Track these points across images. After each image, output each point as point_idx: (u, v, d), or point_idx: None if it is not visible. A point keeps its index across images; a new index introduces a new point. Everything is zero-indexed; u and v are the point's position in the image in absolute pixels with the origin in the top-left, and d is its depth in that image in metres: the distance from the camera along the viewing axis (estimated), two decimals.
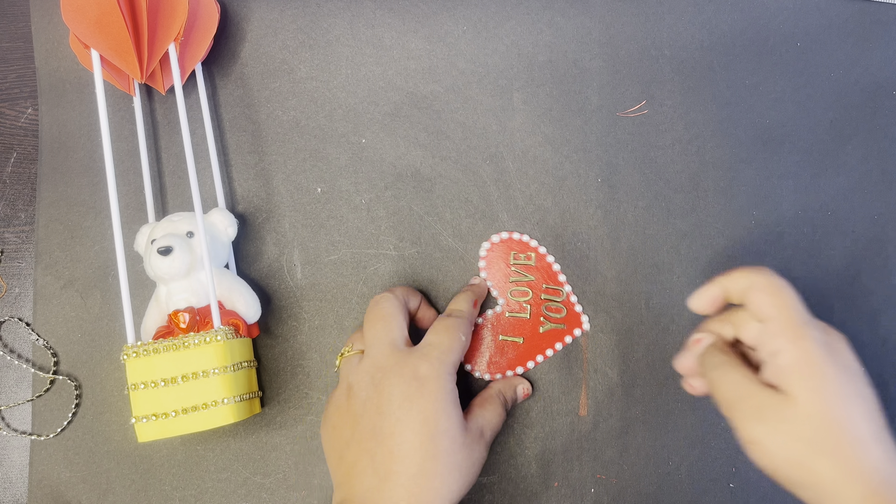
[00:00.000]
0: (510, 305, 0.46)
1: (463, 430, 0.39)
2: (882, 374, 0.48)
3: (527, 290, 0.46)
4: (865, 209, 0.49)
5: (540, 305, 0.46)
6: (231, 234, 0.45)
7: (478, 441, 0.40)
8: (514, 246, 0.47)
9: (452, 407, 0.39)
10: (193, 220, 0.43)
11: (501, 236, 0.47)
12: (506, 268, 0.46)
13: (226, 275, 0.44)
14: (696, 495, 0.47)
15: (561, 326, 0.46)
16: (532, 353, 0.46)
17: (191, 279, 0.43)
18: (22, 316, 0.48)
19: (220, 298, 0.44)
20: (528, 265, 0.46)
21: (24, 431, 0.47)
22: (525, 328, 0.46)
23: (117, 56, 0.43)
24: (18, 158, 0.49)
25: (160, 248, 0.41)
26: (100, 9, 0.42)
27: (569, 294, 0.47)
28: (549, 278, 0.47)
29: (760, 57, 0.49)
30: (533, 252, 0.47)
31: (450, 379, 0.40)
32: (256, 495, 0.46)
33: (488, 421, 0.42)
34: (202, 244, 0.42)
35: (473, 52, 0.49)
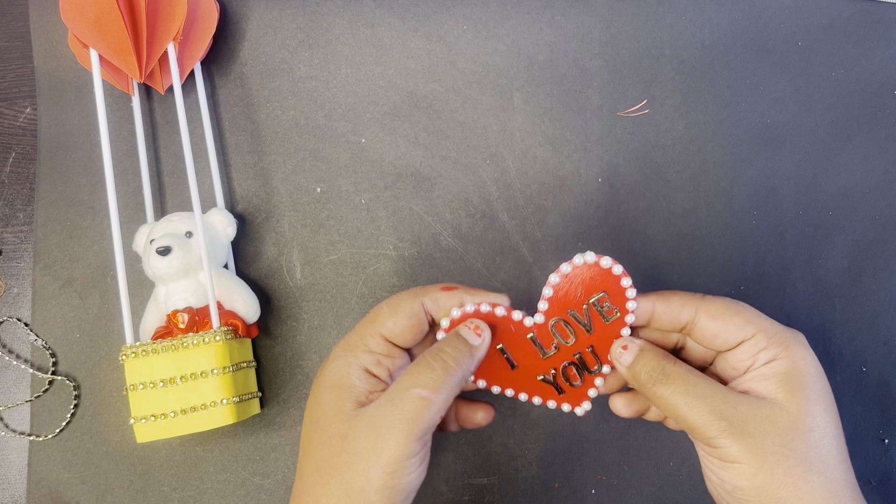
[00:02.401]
0: (542, 332, 0.37)
1: (342, 417, 0.32)
2: (884, 375, 0.48)
3: (571, 336, 0.37)
4: (866, 209, 0.49)
5: (564, 359, 0.37)
6: (230, 234, 0.45)
7: (364, 429, 0.32)
8: (613, 288, 0.36)
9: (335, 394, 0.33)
10: (192, 219, 0.43)
11: (612, 269, 0.36)
12: (581, 298, 0.36)
13: (225, 275, 0.44)
14: (696, 496, 0.47)
15: (558, 392, 0.38)
16: (514, 384, 0.38)
17: (190, 279, 0.42)
18: (20, 316, 0.48)
19: (219, 299, 0.43)
20: (602, 318, 0.36)
21: (22, 432, 0.47)
22: (529, 362, 0.37)
23: (116, 55, 0.43)
24: (17, 158, 0.49)
25: (159, 249, 0.41)
26: (98, 8, 0.42)
27: (601, 374, 0.38)
28: (603, 347, 0.37)
29: (761, 56, 0.49)
30: (619, 312, 0.36)
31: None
32: (256, 496, 0.46)
33: (394, 396, 0.32)
34: (201, 244, 0.42)
35: (473, 51, 0.49)
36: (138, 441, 0.41)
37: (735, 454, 0.31)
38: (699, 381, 0.33)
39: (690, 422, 0.32)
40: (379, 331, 0.35)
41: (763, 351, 0.33)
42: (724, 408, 0.32)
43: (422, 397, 0.31)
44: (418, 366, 0.33)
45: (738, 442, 0.31)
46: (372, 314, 0.36)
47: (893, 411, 0.48)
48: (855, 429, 0.47)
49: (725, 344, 0.34)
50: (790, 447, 0.31)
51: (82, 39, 0.43)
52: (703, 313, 0.35)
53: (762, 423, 0.31)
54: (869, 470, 0.47)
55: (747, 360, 0.34)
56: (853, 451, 0.47)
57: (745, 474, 0.31)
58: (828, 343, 0.48)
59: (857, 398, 0.48)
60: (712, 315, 0.34)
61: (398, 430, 0.31)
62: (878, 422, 0.48)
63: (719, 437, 0.31)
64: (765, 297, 0.48)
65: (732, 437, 0.31)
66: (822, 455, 0.31)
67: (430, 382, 0.32)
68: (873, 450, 0.47)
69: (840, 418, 0.33)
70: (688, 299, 0.35)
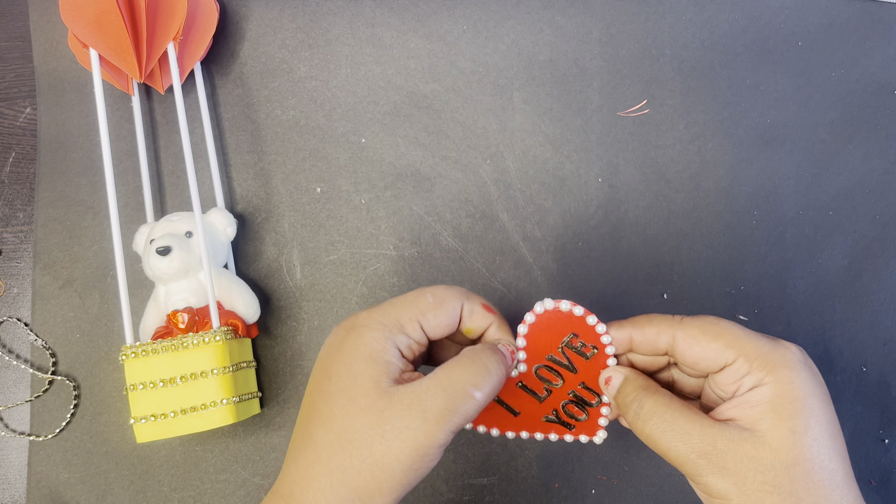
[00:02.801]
0: (529, 379, 0.37)
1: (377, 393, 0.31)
2: (884, 376, 0.48)
3: (559, 379, 0.36)
4: (867, 209, 0.49)
5: (561, 399, 0.37)
6: (230, 233, 0.45)
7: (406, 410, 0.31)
8: (580, 328, 0.36)
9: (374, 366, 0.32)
10: (192, 219, 0.43)
11: (572, 311, 0.35)
12: (552, 344, 0.36)
13: (225, 275, 0.44)
14: (696, 496, 0.47)
15: (569, 427, 0.37)
16: (521, 428, 0.37)
17: (189, 279, 0.42)
18: (20, 316, 0.48)
19: (219, 298, 0.43)
20: (581, 357, 0.36)
21: (22, 432, 0.47)
22: (528, 407, 0.37)
23: (116, 55, 0.43)
24: (17, 158, 0.49)
25: (159, 248, 0.41)
26: (98, 8, 0.42)
27: (603, 404, 0.37)
28: (593, 381, 0.36)
29: (761, 56, 0.49)
30: (598, 348, 0.36)
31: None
32: (255, 496, 0.46)
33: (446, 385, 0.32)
34: (201, 244, 0.42)
35: (473, 51, 0.49)
36: (138, 441, 0.41)
37: (721, 490, 0.30)
38: (678, 416, 0.32)
39: (671, 458, 0.32)
40: (419, 318, 0.34)
41: (746, 377, 0.32)
42: (703, 445, 0.31)
43: (474, 397, 0.31)
44: (470, 364, 0.32)
45: (720, 479, 0.30)
46: (413, 298, 0.34)
47: (893, 411, 0.48)
48: (855, 429, 0.47)
49: (708, 369, 0.33)
50: (773, 483, 0.30)
51: (82, 39, 0.43)
52: (681, 340, 0.33)
53: (743, 460, 0.30)
54: (869, 470, 0.47)
55: (731, 384, 0.32)
56: (853, 451, 0.47)
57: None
58: (828, 343, 0.48)
59: (857, 398, 0.48)
60: (689, 342, 0.33)
61: (445, 419, 0.30)
62: (878, 422, 0.48)
63: (701, 476, 0.31)
64: (765, 297, 0.48)
65: (714, 475, 0.30)
66: (811, 485, 0.30)
67: (482, 383, 0.32)
68: (873, 450, 0.47)
69: (841, 428, 0.32)
70: (664, 325, 0.34)
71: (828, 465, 0.30)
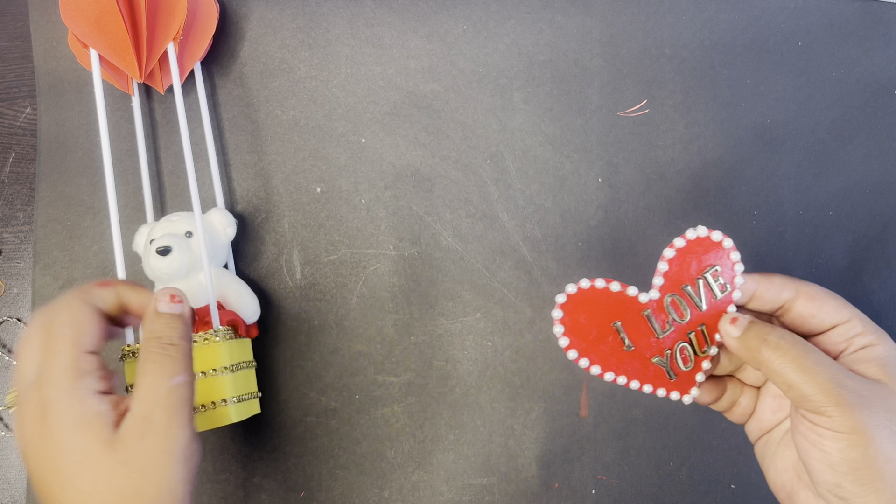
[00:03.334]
0: (658, 309, 0.36)
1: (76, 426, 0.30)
2: None
3: (685, 313, 0.36)
4: (867, 209, 0.49)
5: (679, 339, 0.36)
6: (230, 233, 0.45)
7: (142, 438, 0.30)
8: (724, 263, 0.36)
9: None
10: (192, 219, 0.43)
11: (723, 242, 0.36)
12: (695, 272, 0.36)
13: (225, 275, 0.44)
14: (696, 496, 0.47)
15: (670, 377, 0.36)
16: (627, 369, 0.36)
17: (190, 279, 0.42)
18: (21, 316, 0.48)
19: (219, 299, 0.43)
20: (713, 294, 0.36)
21: None
22: (644, 341, 0.36)
23: (116, 55, 0.43)
24: (17, 158, 0.49)
25: (159, 249, 0.41)
26: (98, 8, 0.42)
27: (708, 356, 0.37)
28: (713, 325, 0.36)
29: (761, 56, 0.49)
30: (730, 287, 0.36)
31: None
32: (255, 496, 0.46)
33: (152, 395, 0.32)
34: (201, 244, 0.42)
35: (473, 51, 0.49)
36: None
37: (849, 425, 0.31)
38: (814, 351, 0.33)
39: (804, 390, 0.32)
40: (80, 351, 0.32)
41: (858, 336, 0.34)
42: (844, 377, 0.31)
43: (180, 383, 0.32)
44: (156, 358, 0.32)
45: (853, 413, 0.30)
46: (54, 339, 0.32)
47: None
48: None
49: (821, 325, 0.35)
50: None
51: (82, 39, 0.43)
52: (803, 294, 0.35)
53: (874, 398, 0.31)
54: None
55: (841, 343, 0.34)
56: None
57: (857, 445, 0.30)
58: None
59: None
60: (811, 296, 0.35)
61: (178, 421, 0.31)
62: None
63: (834, 407, 0.31)
64: None
65: (848, 408, 0.31)
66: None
67: (176, 367, 0.32)
68: None
69: None
70: (788, 280, 0.36)
71: None
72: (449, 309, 0.47)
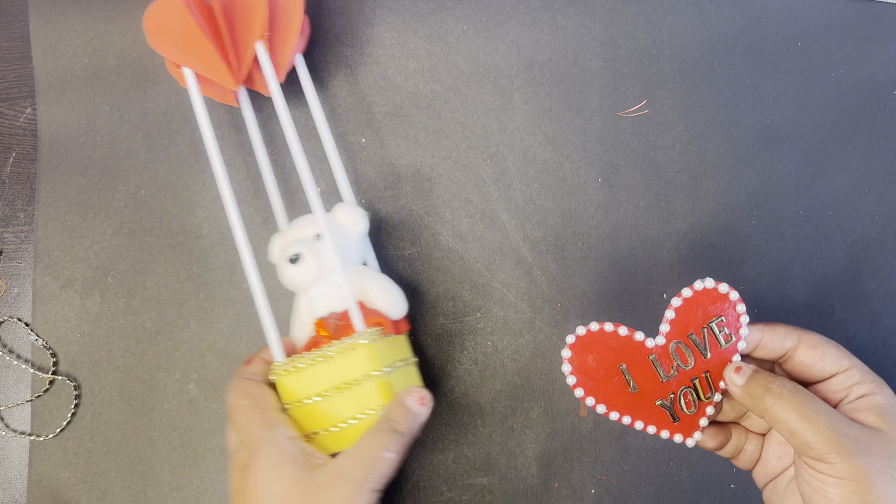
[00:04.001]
0: (663, 354, 0.38)
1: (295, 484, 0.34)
2: (882, 375, 0.48)
3: (690, 360, 0.38)
4: (866, 209, 0.49)
5: (682, 384, 0.38)
6: (360, 228, 0.42)
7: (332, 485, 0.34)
8: (729, 314, 0.37)
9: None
10: (316, 222, 0.41)
11: (729, 294, 0.37)
12: (700, 321, 0.37)
13: (362, 272, 0.41)
14: (696, 496, 0.47)
15: (673, 420, 0.38)
16: (632, 410, 0.38)
17: (327, 283, 0.40)
18: (21, 316, 0.48)
19: (361, 298, 0.41)
20: (718, 343, 0.37)
21: (23, 432, 0.47)
22: (649, 385, 0.38)
23: (209, 69, 0.41)
24: (17, 158, 0.49)
25: (290, 257, 0.39)
26: (183, 26, 0.40)
27: (712, 403, 0.38)
28: (717, 373, 0.38)
29: (761, 57, 0.49)
30: (735, 338, 0.37)
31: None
32: None
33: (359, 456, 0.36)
34: (329, 246, 0.40)
35: (473, 51, 0.49)
36: (338, 451, 0.38)
37: (850, 472, 0.32)
38: (815, 401, 0.34)
39: (806, 437, 0.33)
40: (269, 408, 0.38)
41: (857, 385, 0.35)
42: (844, 427, 0.33)
43: (386, 458, 0.35)
44: (379, 431, 0.36)
45: (850, 460, 0.32)
46: (243, 412, 0.38)
47: None
48: None
49: (821, 373, 0.36)
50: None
51: (173, 60, 0.41)
52: (805, 343, 0.37)
53: (873, 445, 0.33)
54: None
55: (841, 391, 0.36)
56: None
57: (858, 491, 0.32)
58: None
59: None
60: (812, 345, 0.37)
61: (364, 482, 0.34)
62: None
63: (832, 454, 0.32)
64: (764, 297, 0.48)
65: (844, 455, 0.32)
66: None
67: (392, 445, 0.36)
68: None
69: None
70: (791, 330, 0.37)
71: None
72: (449, 309, 0.47)
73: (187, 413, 0.47)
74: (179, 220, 0.48)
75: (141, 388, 0.47)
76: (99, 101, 0.48)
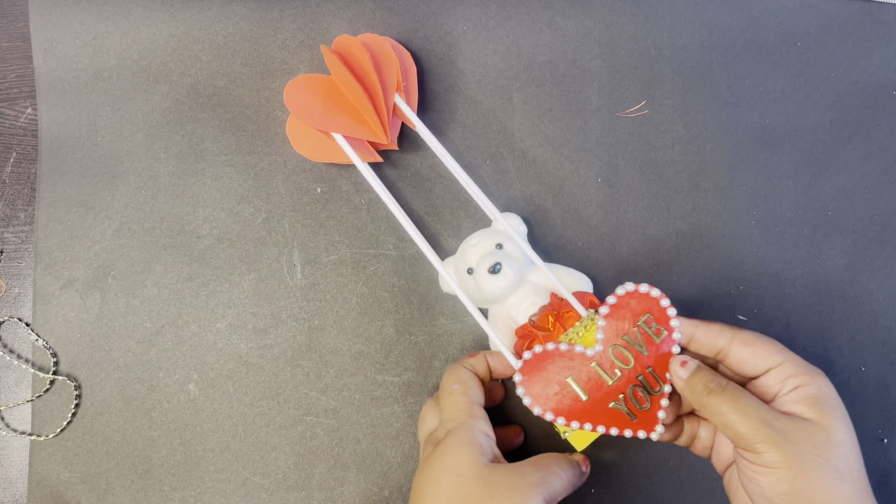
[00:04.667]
0: (604, 359, 0.40)
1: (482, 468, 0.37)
2: (882, 375, 0.48)
3: (630, 359, 0.40)
4: (865, 209, 0.49)
5: (629, 382, 0.40)
6: (523, 231, 0.46)
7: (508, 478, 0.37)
8: (655, 310, 0.40)
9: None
10: (492, 233, 0.44)
11: (650, 293, 0.40)
12: (629, 324, 0.40)
13: (548, 266, 0.44)
14: (696, 496, 0.47)
15: (631, 417, 0.40)
16: (587, 418, 0.40)
17: (525, 285, 0.43)
18: (21, 316, 0.48)
19: (553, 289, 0.44)
20: (651, 339, 0.40)
21: (23, 432, 0.47)
22: (598, 390, 0.40)
23: (358, 129, 0.45)
24: (18, 158, 0.49)
25: (490, 269, 0.42)
26: (322, 94, 0.45)
27: (663, 395, 0.40)
28: (660, 366, 0.40)
29: (760, 57, 0.49)
30: (667, 331, 0.40)
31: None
32: (256, 496, 0.46)
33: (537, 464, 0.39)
34: (521, 246, 0.43)
35: (473, 51, 0.49)
36: (579, 450, 0.42)
37: (776, 460, 0.34)
38: (746, 396, 0.36)
39: (738, 429, 0.35)
40: (473, 401, 0.40)
41: (790, 378, 0.37)
42: (770, 418, 0.35)
43: (560, 475, 0.38)
44: (555, 456, 0.40)
45: (779, 449, 0.34)
46: (452, 395, 0.41)
47: (892, 411, 0.48)
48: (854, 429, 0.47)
49: (755, 369, 0.38)
50: (824, 457, 0.34)
51: (325, 129, 0.44)
52: (738, 340, 0.38)
53: (801, 434, 0.34)
54: (868, 470, 0.47)
55: (775, 385, 0.37)
56: None
57: (785, 479, 0.34)
58: (826, 343, 0.48)
59: (855, 398, 0.48)
60: (745, 342, 0.38)
61: (541, 487, 0.37)
62: (877, 422, 0.48)
63: (763, 444, 0.34)
64: (764, 297, 0.48)
65: (774, 445, 0.34)
66: (850, 467, 0.34)
67: (566, 469, 0.39)
68: (872, 450, 0.47)
69: None
70: (725, 328, 0.39)
71: (858, 454, 0.35)
72: (449, 309, 0.47)
73: (187, 413, 0.47)
74: (179, 220, 0.48)
75: (141, 388, 0.47)
76: (99, 102, 0.48)
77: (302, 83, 0.45)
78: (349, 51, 0.45)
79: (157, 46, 0.48)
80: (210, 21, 0.49)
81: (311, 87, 0.45)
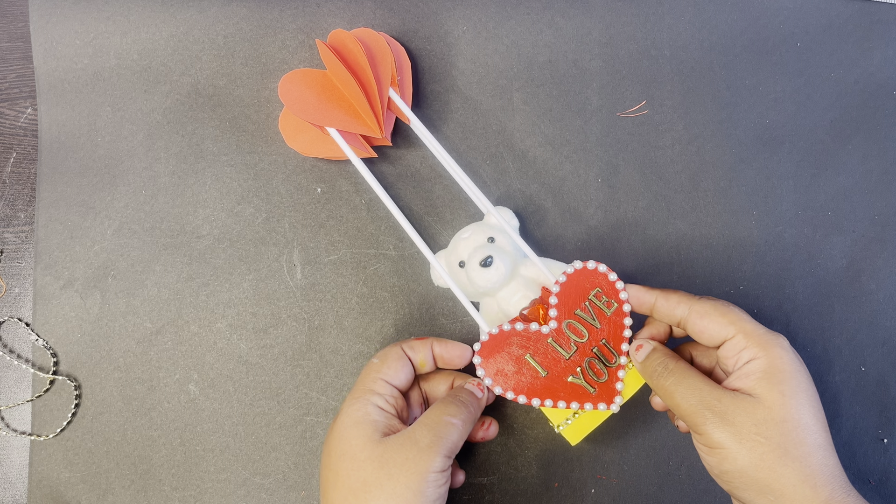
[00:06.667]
0: (559, 335, 0.41)
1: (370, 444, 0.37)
2: (882, 375, 0.48)
3: (584, 333, 0.41)
4: (865, 209, 0.49)
5: (585, 356, 0.41)
6: (515, 224, 0.45)
7: (402, 447, 0.37)
8: (603, 284, 0.41)
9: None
10: (484, 227, 0.44)
11: (597, 268, 0.41)
12: (580, 298, 0.41)
13: (541, 260, 0.44)
14: (696, 495, 0.47)
15: (590, 390, 0.41)
16: (548, 394, 0.41)
17: (517, 278, 0.43)
18: (21, 316, 0.48)
19: (545, 283, 0.44)
20: (603, 312, 0.41)
21: (23, 432, 0.47)
22: (556, 365, 0.41)
23: (354, 124, 0.44)
24: (18, 158, 0.49)
25: (481, 262, 0.42)
26: (323, 91, 0.45)
27: (620, 366, 0.41)
28: (614, 338, 0.41)
29: (760, 57, 0.49)
30: (617, 303, 0.41)
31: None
32: (256, 496, 0.46)
33: (427, 422, 0.38)
34: (513, 241, 0.44)
35: (473, 51, 0.49)
36: (573, 444, 0.42)
37: (718, 440, 0.35)
38: (693, 377, 0.37)
39: (682, 409, 0.36)
40: (378, 377, 0.40)
41: (744, 350, 0.37)
42: (710, 399, 0.35)
43: (452, 423, 0.38)
44: (445, 402, 0.39)
45: (720, 429, 0.35)
46: (366, 367, 0.41)
47: (892, 411, 0.48)
48: (854, 428, 0.47)
49: (711, 341, 0.38)
50: (765, 435, 0.34)
51: (319, 123, 0.44)
52: (694, 311, 0.39)
53: (740, 414, 0.35)
54: (868, 469, 0.47)
55: (731, 358, 0.37)
56: (852, 450, 0.47)
57: (727, 458, 0.34)
58: (826, 343, 0.48)
59: (855, 398, 0.48)
60: (700, 314, 0.38)
61: (436, 447, 0.36)
62: (877, 421, 0.48)
63: (704, 425, 0.35)
64: (764, 297, 0.48)
65: (715, 426, 0.35)
66: (797, 442, 0.34)
67: (457, 413, 0.38)
68: (872, 449, 0.47)
69: (827, 414, 0.36)
70: (684, 298, 0.40)
71: (812, 427, 0.34)
72: (449, 309, 0.48)
73: (187, 413, 0.47)
74: (179, 220, 0.48)
75: (141, 388, 0.47)
76: (99, 102, 0.48)
77: (297, 77, 0.45)
78: (344, 45, 0.45)
79: (157, 46, 0.48)
80: (210, 21, 0.49)
81: (306, 81, 0.45)
